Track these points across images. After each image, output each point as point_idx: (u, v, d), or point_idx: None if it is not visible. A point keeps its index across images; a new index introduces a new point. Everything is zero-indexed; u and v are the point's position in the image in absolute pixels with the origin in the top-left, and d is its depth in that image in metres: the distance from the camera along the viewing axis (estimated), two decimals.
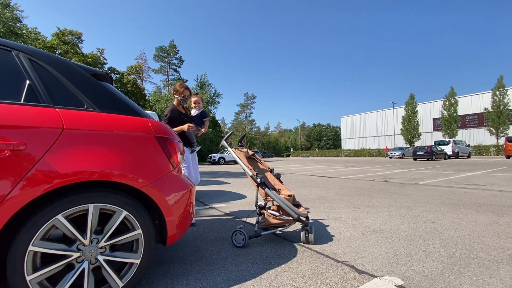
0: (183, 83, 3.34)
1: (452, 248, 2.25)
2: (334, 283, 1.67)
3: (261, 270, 1.89)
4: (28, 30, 28.23)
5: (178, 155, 1.77)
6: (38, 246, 1.25)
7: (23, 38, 25.54)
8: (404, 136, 40.01)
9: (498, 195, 4.82)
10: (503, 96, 32.83)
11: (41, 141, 1.27)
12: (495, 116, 33.05)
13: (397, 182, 7.13)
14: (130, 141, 1.55)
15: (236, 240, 2.40)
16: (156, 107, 34.11)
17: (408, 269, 1.85)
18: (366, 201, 4.47)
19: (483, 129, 37.39)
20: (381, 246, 2.34)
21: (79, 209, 1.34)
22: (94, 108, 1.51)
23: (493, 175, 8.35)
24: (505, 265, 1.88)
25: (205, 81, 41.98)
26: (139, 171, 1.51)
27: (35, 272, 1.24)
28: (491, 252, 2.14)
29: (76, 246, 1.34)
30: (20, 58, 1.42)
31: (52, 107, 1.37)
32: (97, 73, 1.68)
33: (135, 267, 1.51)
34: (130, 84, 39.81)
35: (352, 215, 3.53)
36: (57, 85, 1.47)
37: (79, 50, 33.52)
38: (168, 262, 2.05)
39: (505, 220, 3.09)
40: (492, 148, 32.67)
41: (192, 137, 3.27)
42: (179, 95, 3.27)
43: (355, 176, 9.10)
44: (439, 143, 25.28)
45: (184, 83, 3.42)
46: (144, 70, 47.82)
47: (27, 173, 1.20)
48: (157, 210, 1.59)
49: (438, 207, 3.90)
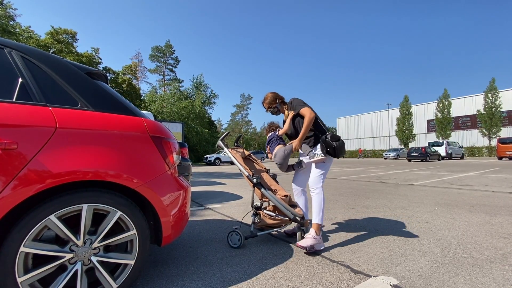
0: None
1: (446, 248, 2.27)
2: (330, 283, 1.67)
3: (257, 270, 1.88)
4: (21, 28, 27.81)
5: (173, 155, 1.75)
6: (29, 247, 1.22)
7: (16, 37, 25.13)
8: (399, 137, 40.42)
9: (491, 195, 4.89)
10: (495, 98, 33.37)
11: (34, 140, 1.24)
12: (487, 118, 33.58)
13: (392, 183, 7.19)
14: (125, 140, 1.53)
15: (232, 240, 2.39)
16: (151, 107, 33.93)
17: (403, 269, 1.86)
18: (362, 202, 4.49)
19: (475, 131, 37.90)
20: (376, 246, 2.35)
21: (72, 210, 1.32)
22: (89, 107, 1.49)
23: (486, 176, 8.48)
24: (498, 265, 1.91)
25: (201, 82, 41.91)
26: (134, 171, 1.49)
27: (27, 274, 1.22)
28: (484, 251, 2.17)
29: (69, 247, 1.32)
30: (12, 56, 1.40)
31: (45, 105, 1.35)
32: (92, 72, 1.66)
33: (130, 268, 1.49)
34: (125, 84, 39.44)
35: (347, 215, 3.55)
36: (51, 83, 1.44)
37: (74, 49, 33.09)
38: (163, 263, 2.04)
39: (497, 220, 3.13)
40: (484, 150, 33.19)
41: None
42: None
43: (350, 177, 9.15)
44: (433, 145, 25.59)
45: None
46: (139, 70, 47.47)
47: (19, 172, 1.18)
48: (152, 211, 1.58)
49: (432, 207, 3.94)
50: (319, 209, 2.35)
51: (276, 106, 2.70)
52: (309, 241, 2.20)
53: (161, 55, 46.05)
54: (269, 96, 2.71)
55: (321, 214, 2.35)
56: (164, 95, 38.33)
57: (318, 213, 2.35)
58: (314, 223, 2.32)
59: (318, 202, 2.37)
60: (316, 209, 2.36)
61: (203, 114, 38.01)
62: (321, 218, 2.34)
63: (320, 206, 2.36)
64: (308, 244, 2.17)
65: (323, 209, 2.36)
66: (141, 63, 47.69)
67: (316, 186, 2.40)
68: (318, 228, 2.30)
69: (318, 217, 2.34)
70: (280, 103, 2.71)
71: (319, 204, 2.36)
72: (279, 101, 2.70)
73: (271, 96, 2.69)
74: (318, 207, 2.36)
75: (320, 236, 2.28)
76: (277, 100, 2.70)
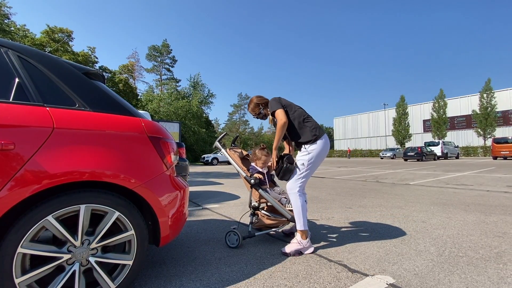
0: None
1: (442, 246, 2.29)
2: (327, 283, 1.68)
3: (255, 270, 1.89)
4: (16, 27, 27.53)
5: (171, 155, 1.75)
6: (27, 248, 1.22)
7: (11, 35, 24.88)
8: (395, 137, 40.69)
9: (486, 195, 4.95)
10: (490, 98, 33.72)
11: (31, 141, 1.24)
12: (482, 118, 33.92)
13: (389, 183, 7.24)
14: (123, 141, 1.53)
15: (229, 240, 2.39)
16: (148, 107, 33.77)
17: (399, 268, 1.88)
18: (358, 201, 4.52)
19: (471, 131, 38.30)
20: (373, 245, 2.37)
21: (70, 210, 1.32)
22: (86, 107, 1.48)
23: (481, 176, 8.57)
24: (493, 263, 1.94)
25: (199, 81, 41.83)
26: (132, 171, 1.49)
27: (24, 275, 1.21)
28: (479, 250, 2.20)
29: (67, 248, 1.32)
30: (9, 56, 1.39)
31: (42, 106, 1.34)
32: (89, 72, 1.65)
33: (128, 269, 1.49)
34: (122, 83, 39.22)
35: (344, 215, 3.57)
36: (48, 83, 1.44)
37: (70, 48, 32.78)
38: (161, 263, 2.03)
39: (492, 219, 3.17)
40: (479, 149, 33.54)
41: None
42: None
43: (347, 177, 9.19)
44: (429, 144, 25.80)
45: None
46: (136, 70, 47.13)
47: (16, 173, 1.17)
48: (150, 211, 1.57)
49: (428, 206, 3.98)
50: (298, 215, 2.22)
51: (260, 111, 2.58)
52: (293, 246, 2.17)
53: (158, 54, 45.75)
54: (252, 102, 2.60)
55: (302, 220, 2.21)
56: (161, 94, 38.15)
57: (298, 219, 2.22)
58: (298, 230, 2.22)
59: (295, 208, 2.24)
60: (295, 216, 2.25)
61: (200, 113, 37.94)
62: (302, 224, 2.20)
63: (298, 212, 2.22)
64: (292, 249, 2.14)
65: (302, 214, 2.21)
66: (137, 62, 47.36)
67: (292, 191, 2.27)
68: (304, 234, 2.19)
69: (299, 223, 2.21)
70: (263, 107, 2.58)
71: (297, 210, 2.23)
72: (262, 106, 2.57)
73: (254, 102, 2.58)
74: (296, 213, 2.23)
75: (307, 240, 2.19)
76: (260, 106, 2.57)
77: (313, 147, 2.29)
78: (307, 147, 2.31)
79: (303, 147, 2.34)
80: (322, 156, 2.34)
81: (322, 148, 2.32)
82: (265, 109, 2.58)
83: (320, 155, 2.32)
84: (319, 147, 2.30)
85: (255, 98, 2.61)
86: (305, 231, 2.21)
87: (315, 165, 2.33)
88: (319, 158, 2.32)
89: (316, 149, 2.29)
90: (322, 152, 2.32)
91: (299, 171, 2.30)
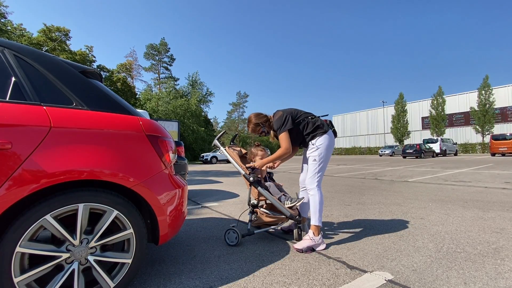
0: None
1: (440, 243, 2.31)
2: (326, 279, 1.69)
3: (254, 267, 1.90)
4: (13, 26, 27.35)
5: (170, 154, 1.75)
6: (25, 247, 1.21)
7: (7, 35, 24.74)
8: (394, 134, 40.78)
9: (484, 191, 4.98)
10: (488, 95, 33.82)
11: (28, 140, 1.23)
12: (480, 115, 34.04)
13: (387, 180, 7.26)
14: (121, 139, 1.52)
15: (229, 238, 2.40)
16: (147, 106, 33.69)
17: (398, 264, 1.89)
18: (357, 198, 4.54)
19: (469, 128, 38.39)
20: (372, 242, 2.38)
21: (68, 209, 1.31)
22: (83, 106, 1.48)
23: (479, 172, 8.61)
24: (490, 259, 1.95)
25: (197, 80, 41.71)
26: (130, 170, 1.49)
27: (23, 274, 1.21)
28: (477, 246, 2.21)
29: (66, 247, 1.32)
30: (5, 54, 1.38)
31: (39, 105, 1.34)
32: (86, 71, 1.64)
33: (127, 267, 1.49)
34: (120, 82, 39.07)
35: (343, 212, 3.58)
36: (45, 82, 1.43)
37: (67, 47, 32.65)
38: (160, 261, 2.04)
39: (490, 215, 3.19)
40: (478, 146, 33.64)
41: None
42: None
43: (346, 174, 9.22)
44: (428, 141, 25.89)
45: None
46: (134, 68, 46.90)
47: (13, 172, 1.17)
48: (149, 209, 1.58)
49: (427, 203, 3.99)
50: (315, 210, 2.26)
51: (262, 130, 2.53)
52: (305, 242, 2.19)
53: (156, 53, 45.55)
54: (250, 122, 2.54)
55: (317, 215, 2.25)
56: (160, 93, 38.06)
57: (313, 214, 2.26)
58: (311, 225, 2.25)
59: (313, 203, 2.29)
60: (311, 210, 2.29)
61: (199, 112, 37.86)
62: (317, 219, 2.24)
63: (315, 207, 2.27)
64: (305, 246, 2.17)
65: (319, 210, 2.26)
66: (135, 61, 47.13)
67: (311, 187, 2.33)
68: (316, 230, 2.22)
69: (314, 218, 2.25)
70: (265, 124, 2.51)
71: (314, 205, 2.27)
72: (262, 124, 2.51)
73: (253, 123, 2.51)
74: (313, 208, 2.28)
75: (319, 237, 2.21)
76: (261, 124, 2.51)
77: (320, 141, 2.34)
78: (314, 142, 2.37)
79: (310, 143, 2.40)
80: (330, 148, 2.40)
81: (329, 141, 2.38)
82: (266, 126, 2.53)
83: (328, 147, 2.37)
84: (326, 141, 2.35)
85: (253, 118, 2.52)
86: (318, 226, 2.24)
87: (326, 158, 2.38)
88: (328, 151, 2.38)
89: (324, 142, 2.34)
90: (329, 144, 2.38)
91: (313, 167, 2.34)
